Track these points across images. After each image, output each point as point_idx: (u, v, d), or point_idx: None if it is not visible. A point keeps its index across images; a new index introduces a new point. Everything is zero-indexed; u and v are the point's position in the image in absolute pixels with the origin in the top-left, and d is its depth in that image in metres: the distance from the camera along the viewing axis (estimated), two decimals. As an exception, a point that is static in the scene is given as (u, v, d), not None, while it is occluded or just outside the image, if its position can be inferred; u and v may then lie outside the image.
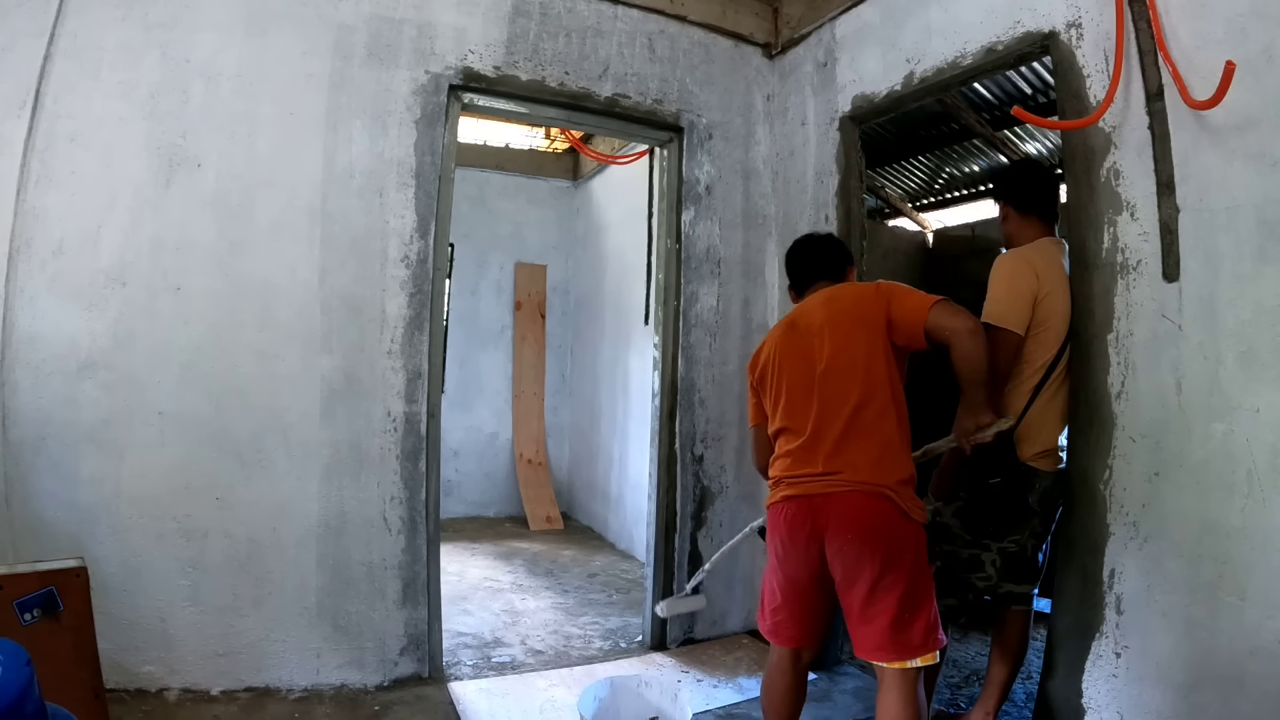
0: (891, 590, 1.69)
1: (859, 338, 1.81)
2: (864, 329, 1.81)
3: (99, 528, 2.29)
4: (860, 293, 1.89)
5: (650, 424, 3.29)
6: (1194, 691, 1.73)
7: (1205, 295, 1.75)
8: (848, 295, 1.91)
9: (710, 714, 2.53)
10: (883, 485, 1.73)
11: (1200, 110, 1.72)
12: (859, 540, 1.71)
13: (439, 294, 2.75)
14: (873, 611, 1.71)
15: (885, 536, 1.71)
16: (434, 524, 2.72)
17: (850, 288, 1.96)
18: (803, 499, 1.81)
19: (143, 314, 2.35)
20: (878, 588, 1.69)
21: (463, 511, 5.61)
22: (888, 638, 1.69)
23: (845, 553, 1.73)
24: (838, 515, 1.74)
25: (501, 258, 5.92)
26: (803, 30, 3.23)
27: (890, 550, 1.71)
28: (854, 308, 1.85)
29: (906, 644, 1.69)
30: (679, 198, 3.23)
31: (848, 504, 1.74)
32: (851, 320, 1.84)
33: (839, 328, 1.84)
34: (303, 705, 2.39)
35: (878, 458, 1.75)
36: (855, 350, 1.80)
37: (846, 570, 1.73)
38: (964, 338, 1.71)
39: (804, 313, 1.96)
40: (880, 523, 1.72)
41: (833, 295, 1.93)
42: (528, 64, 2.90)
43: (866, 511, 1.72)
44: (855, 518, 1.73)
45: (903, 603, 1.69)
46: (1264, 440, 1.62)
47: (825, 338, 1.85)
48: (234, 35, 2.48)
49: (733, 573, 3.27)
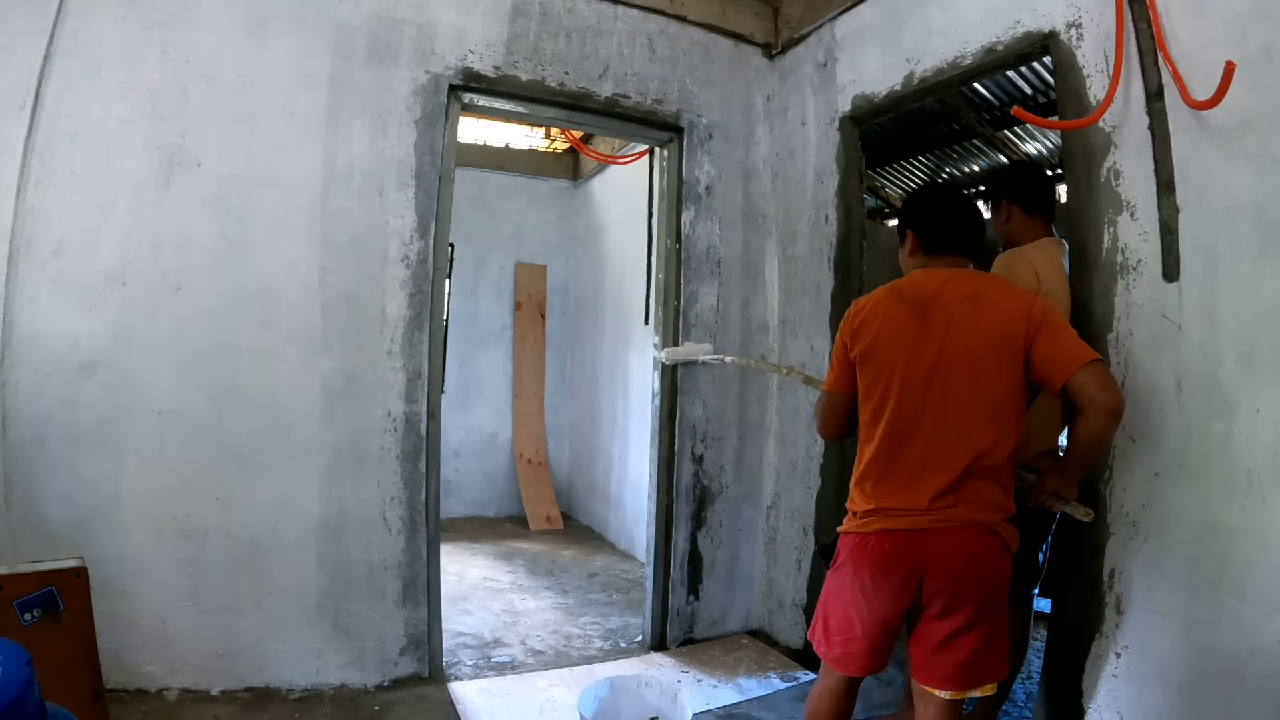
0: (982, 626, 1.59)
1: (1000, 363, 1.59)
2: (1008, 354, 1.59)
3: (99, 528, 2.29)
4: (1013, 308, 1.62)
5: (650, 424, 3.29)
6: (1194, 691, 1.73)
7: (1205, 295, 1.75)
8: (1000, 304, 1.63)
9: (710, 714, 2.53)
10: (993, 523, 1.60)
11: (1200, 110, 1.72)
12: (967, 580, 1.58)
13: (439, 294, 2.75)
14: (956, 643, 1.59)
15: (991, 574, 1.61)
16: (434, 524, 2.72)
17: (1000, 292, 1.67)
18: (904, 534, 1.61)
19: (143, 314, 2.35)
20: (972, 625, 1.58)
21: (463, 511, 5.61)
22: (961, 670, 1.59)
23: (946, 591, 1.59)
24: (946, 553, 1.58)
25: (501, 258, 5.92)
26: (803, 30, 3.23)
27: (991, 587, 1.61)
28: (1005, 325, 1.60)
29: (975, 676, 1.60)
30: (679, 198, 3.23)
31: (959, 542, 1.58)
32: (998, 338, 1.60)
33: (981, 342, 1.60)
34: (303, 705, 2.39)
35: (996, 494, 1.62)
36: (996, 375, 1.60)
37: (945, 606, 1.59)
38: (1104, 416, 1.55)
39: (939, 299, 1.66)
40: (988, 561, 1.60)
41: (978, 292, 1.65)
42: (528, 64, 2.90)
43: (976, 552, 1.59)
44: (965, 557, 1.58)
45: (987, 637, 1.60)
46: (1264, 440, 1.62)
47: (962, 346, 1.61)
48: (234, 35, 2.48)
49: (733, 573, 3.27)
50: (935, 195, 1.88)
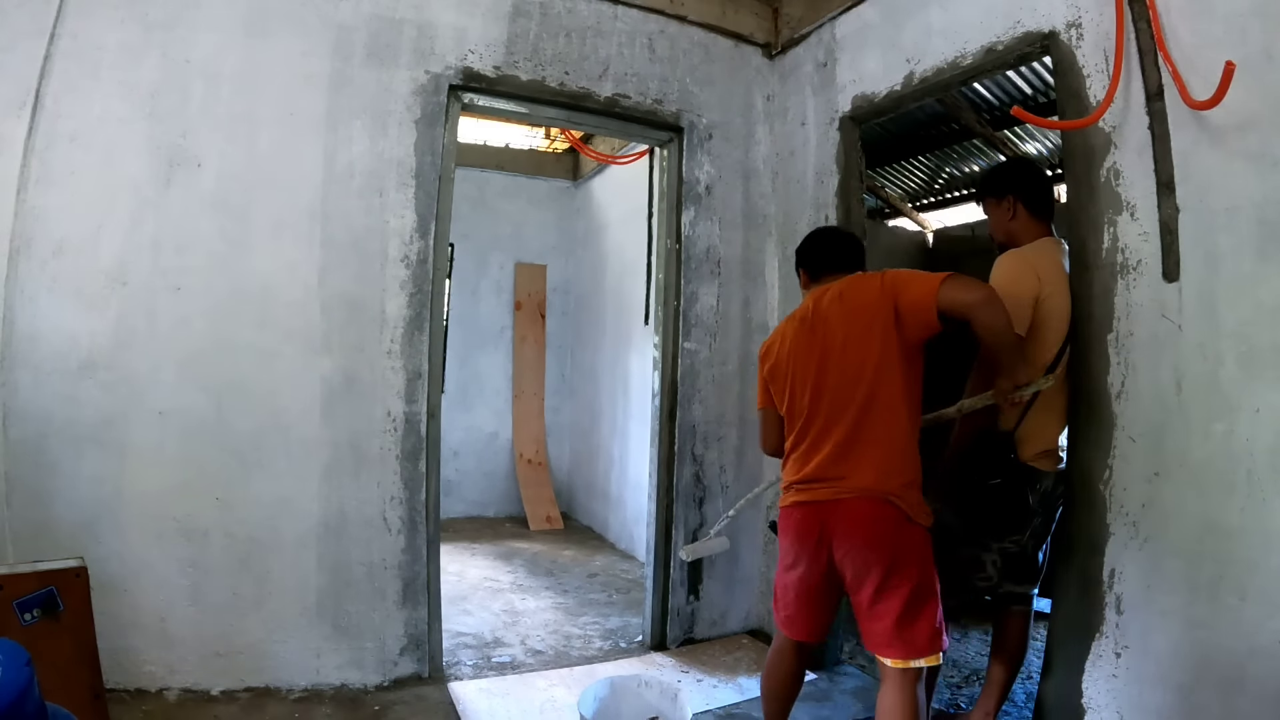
0: (897, 591, 1.74)
1: (869, 338, 1.81)
2: (874, 328, 1.81)
3: (99, 527, 2.29)
4: (869, 287, 1.86)
5: (650, 424, 3.29)
6: (1194, 691, 1.73)
7: (1205, 295, 1.75)
8: (859, 292, 1.89)
9: (710, 714, 2.53)
10: (887, 491, 1.76)
11: (1200, 110, 1.72)
12: (864, 546, 1.77)
13: (439, 294, 2.75)
14: (880, 610, 1.76)
15: (890, 542, 1.76)
16: (434, 524, 2.72)
17: (861, 282, 1.92)
18: (810, 505, 1.86)
19: (143, 314, 2.35)
20: (884, 589, 1.75)
21: (463, 511, 5.61)
22: (893, 635, 1.74)
23: (852, 556, 1.79)
24: (844, 522, 1.79)
25: (501, 258, 5.92)
26: (803, 30, 3.23)
27: (895, 554, 1.75)
28: (865, 305, 1.84)
29: (911, 644, 1.74)
30: (679, 198, 3.23)
31: (853, 511, 1.79)
32: (863, 320, 1.83)
33: (849, 327, 1.85)
34: (303, 705, 2.39)
35: (883, 462, 1.78)
36: (865, 351, 1.81)
37: (854, 573, 1.79)
38: (982, 309, 1.72)
39: (816, 308, 1.95)
40: (885, 529, 1.76)
41: (845, 291, 1.91)
42: (528, 64, 2.90)
43: (870, 518, 1.77)
44: (860, 524, 1.77)
45: (908, 604, 1.73)
46: (1264, 440, 1.62)
47: (836, 337, 1.86)
48: (234, 35, 2.48)
49: (733, 573, 3.27)
50: (810, 237, 2.18)
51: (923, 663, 1.74)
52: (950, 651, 2.78)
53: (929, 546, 1.81)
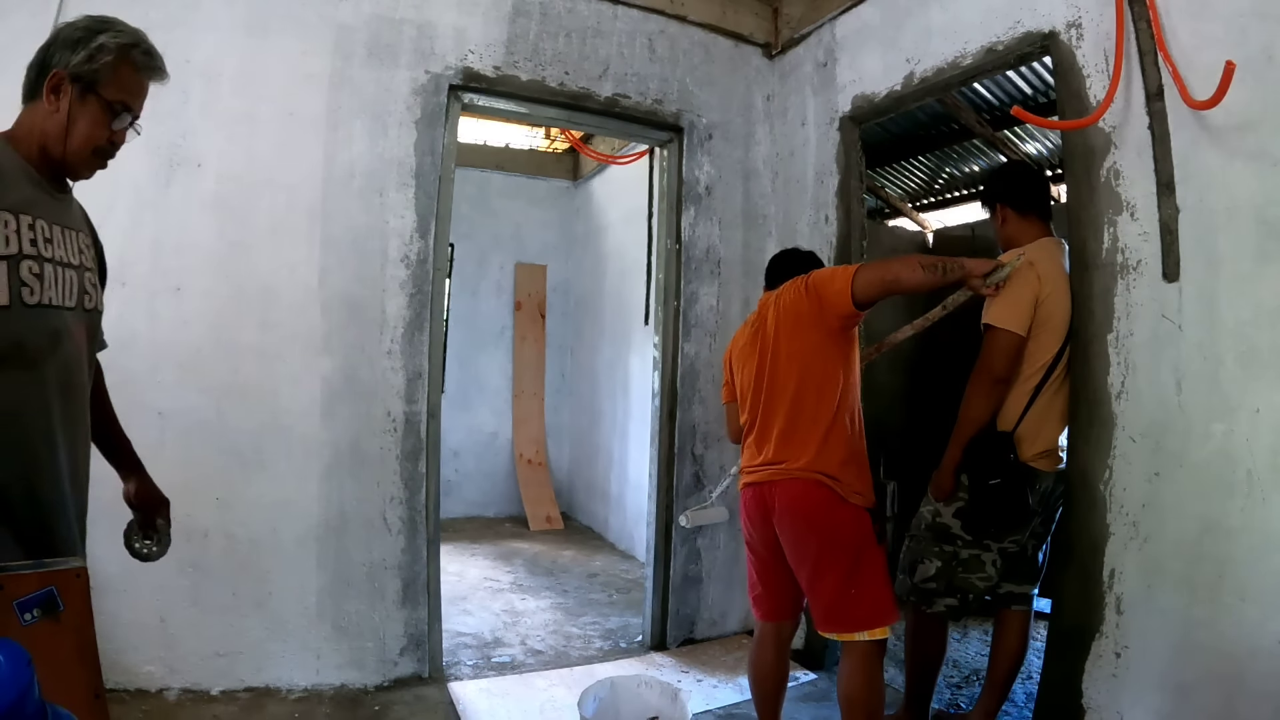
0: (832, 568, 1.88)
1: (797, 332, 1.96)
2: (801, 323, 1.95)
3: (99, 527, 2.28)
4: (797, 287, 2.00)
5: (650, 424, 3.29)
6: (1194, 691, 1.73)
7: (1205, 295, 1.75)
8: (789, 293, 2.02)
9: (710, 714, 2.53)
10: (820, 471, 1.89)
11: (1200, 110, 1.72)
12: (799, 523, 1.92)
13: (439, 294, 2.75)
14: (819, 587, 1.91)
15: (823, 520, 1.89)
16: (434, 524, 2.72)
17: (792, 284, 2.04)
18: (757, 486, 2.02)
19: (143, 314, 2.35)
20: (819, 566, 1.90)
21: (463, 511, 5.61)
22: (832, 612, 1.89)
23: (789, 534, 1.95)
24: (781, 500, 1.94)
25: (501, 258, 5.92)
26: (803, 30, 3.23)
27: (828, 532, 1.89)
28: (793, 304, 1.98)
29: (850, 618, 1.87)
30: (679, 198, 3.23)
31: (788, 491, 1.93)
32: (791, 317, 1.98)
33: (780, 324, 2.00)
34: (303, 705, 2.39)
35: (818, 445, 1.91)
36: (794, 345, 1.96)
37: (792, 550, 1.96)
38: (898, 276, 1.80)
39: (761, 311, 2.12)
40: (817, 509, 1.89)
41: (781, 294, 2.06)
42: (528, 64, 2.90)
43: (803, 497, 1.91)
44: (793, 503, 1.92)
45: (844, 580, 1.87)
46: (1264, 440, 1.62)
47: (771, 335, 2.02)
48: (234, 35, 2.47)
49: (733, 574, 3.26)
50: (771, 259, 2.35)
51: (865, 636, 1.85)
52: (950, 651, 2.78)
53: (866, 525, 1.91)
